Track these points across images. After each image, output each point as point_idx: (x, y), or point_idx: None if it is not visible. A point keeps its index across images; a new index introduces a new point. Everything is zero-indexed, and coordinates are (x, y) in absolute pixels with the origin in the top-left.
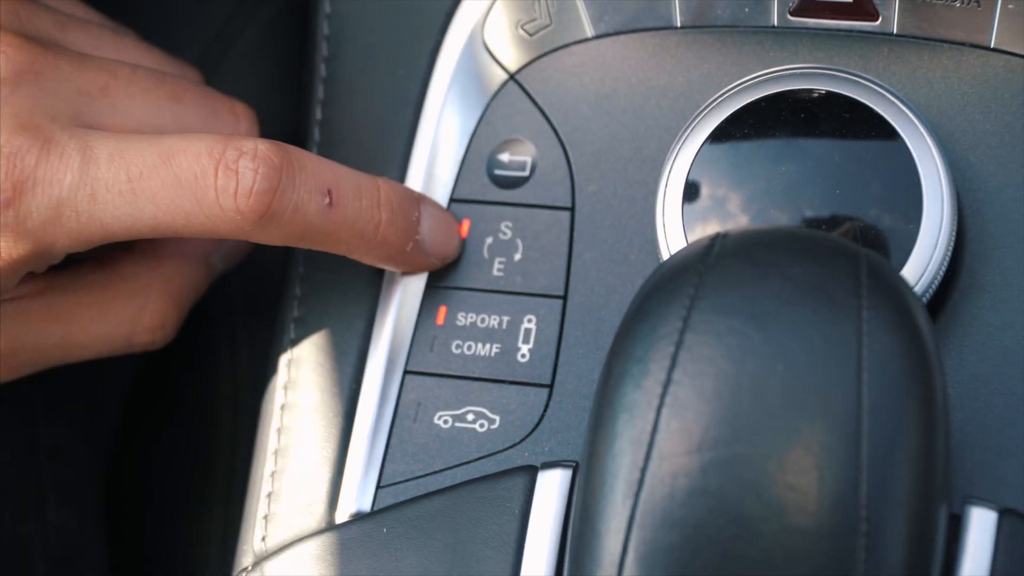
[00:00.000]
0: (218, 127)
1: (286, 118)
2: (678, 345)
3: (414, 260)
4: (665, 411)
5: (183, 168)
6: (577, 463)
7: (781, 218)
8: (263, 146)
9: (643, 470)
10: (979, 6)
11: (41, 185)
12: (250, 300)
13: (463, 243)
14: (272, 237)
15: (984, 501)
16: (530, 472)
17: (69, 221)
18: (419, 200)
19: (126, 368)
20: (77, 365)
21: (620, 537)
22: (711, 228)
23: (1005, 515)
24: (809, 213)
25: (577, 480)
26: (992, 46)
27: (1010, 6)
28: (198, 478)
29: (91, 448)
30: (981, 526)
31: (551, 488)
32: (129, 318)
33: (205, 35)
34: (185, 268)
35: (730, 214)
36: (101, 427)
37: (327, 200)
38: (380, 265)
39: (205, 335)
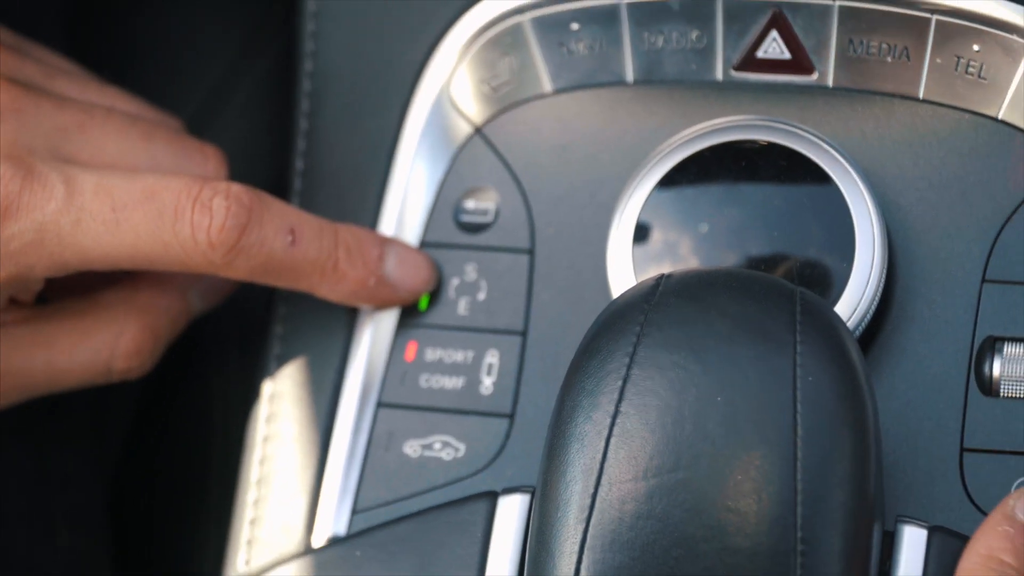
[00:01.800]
0: (188, 165)
1: (275, 167)
2: (625, 379)
3: (380, 294)
4: (613, 440)
5: (164, 203)
6: (535, 488)
7: (724, 259)
8: (235, 188)
9: (593, 496)
10: (909, 60)
11: (24, 210)
12: (242, 336)
13: (439, 278)
14: (240, 271)
15: (915, 520)
16: (491, 497)
17: (50, 245)
18: (382, 241)
19: (127, 399)
20: (81, 397)
21: (573, 559)
22: (659, 268)
23: (934, 532)
24: (750, 254)
25: (533, 505)
26: (921, 97)
27: (938, 60)
28: (194, 502)
29: (97, 475)
30: (912, 543)
31: (511, 512)
32: (107, 344)
33: (201, 90)
34: (162, 300)
35: (676, 255)
36: (106, 455)
37: (290, 238)
38: (347, 302)
39: (200, 368)
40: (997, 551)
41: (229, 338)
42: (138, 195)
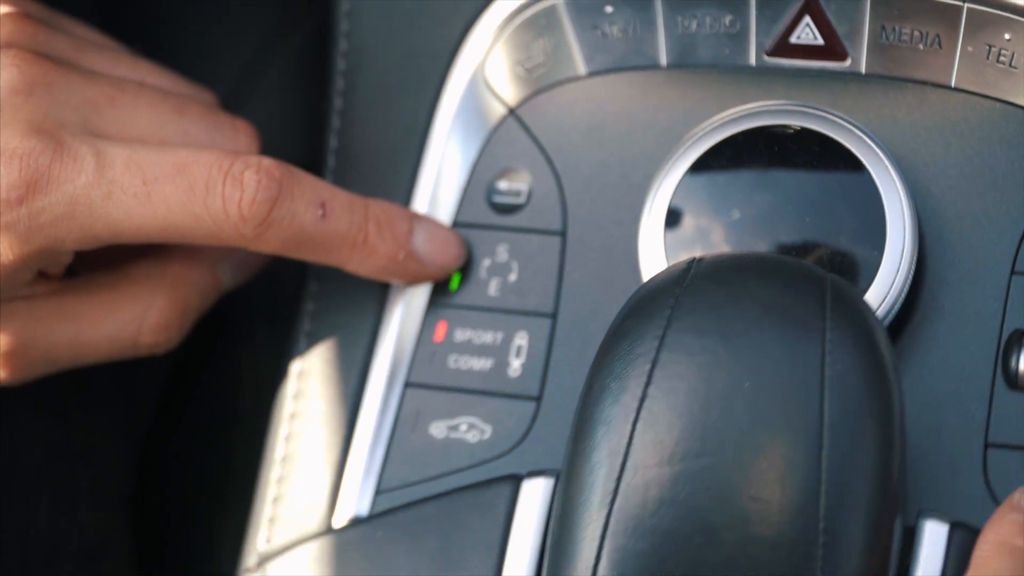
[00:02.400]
0: (220, 140)
1: (310, 145)
2: (654, 363)
3: (409, 269)
4: (640, 424)
5: (196, 177)
6: (560, 472)
7: (755, 245)
8: (266, 162)
9: (618, 480)
10: (941, 48)
11: (55, 183)
12: (272, 312)
13: (468, 255)
14: (270, 244)
15: (937, 514)
16: (515, 481)
17: (81, 217)
18: (411, 216)
19: (157, 374)
20: (110, 371)
21: (595, 544)
22: (690, 253)
23: (956, 528)
24: (781, 240)
25: (557, 489)
26: (953, 85)
27: (969, 48)
28: (220, 477)
29: (122, 448)
30: (933, 538)
31: (534, 496)
32: (135, 318)
33: (235, 68)
34: (191, 275)
35: (708, 240)
36: (133, 428)
37: (320, 212)
38: (377, 277)
39: (229, 343)
40: (1008, 536)
41: (259, 313)
42: (169, 168)
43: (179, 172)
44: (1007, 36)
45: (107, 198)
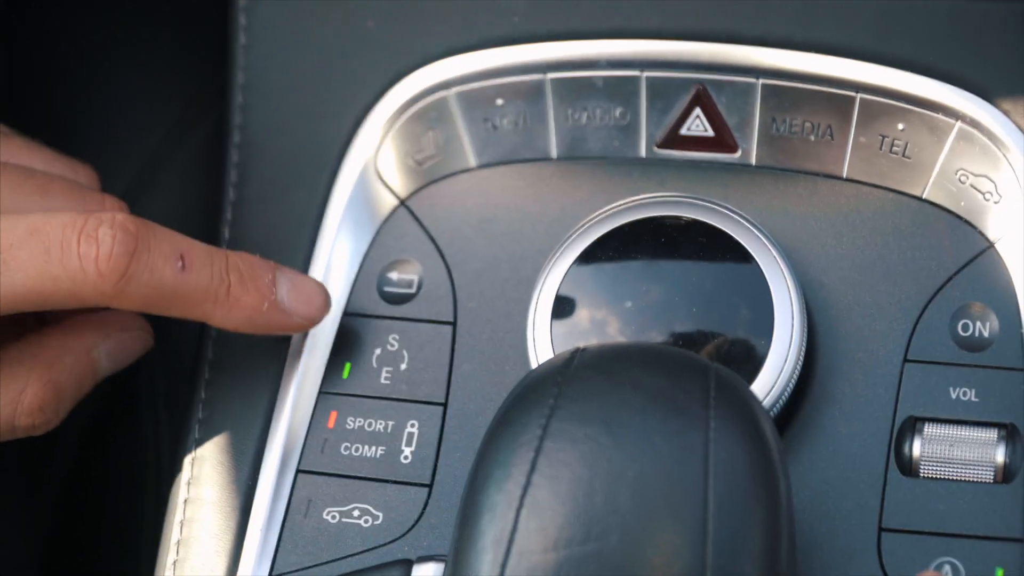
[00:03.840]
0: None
1: (207, 235)
2: (537, 451)
3: (274, 321)
4: (524, 511)
5: (50, 238)
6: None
7: (643, 334)
8: (120, 216)
9: (503, 566)
10: (832, 139)
11: None
12: (171, 392)
13: (350, 337)
14: (132, 300)
15: None
16: (406, 565)
17: None
18: (273, 267)
19: (64, 456)
20: (11, 448)
21: None
22: (578, 342)
23: None
24: (669, 330)
25: (444, 574)
26: (845, 176)
27: (862, 139)
28: (128, 556)
29: (25, 534)
30: None
31: None
32: (10, 401)
33: (140, 157)
34: (67, 358)
35: (596, 329)
36: (37, 511)
37: (180, 264)
38: (242, 329)
39: (132, 423)
40: None
41: (160, 397)
42: (22, 232)
43: (32, 235)
44: (900, 126)
45: None
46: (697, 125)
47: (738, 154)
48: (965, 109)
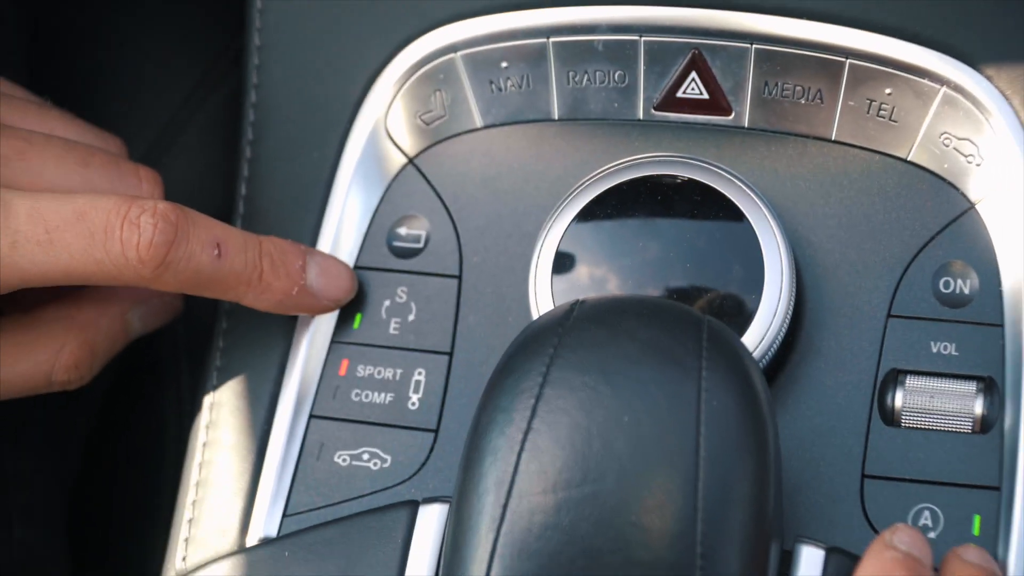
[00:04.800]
0: (123, 188)
1: (226, 193)
2: (537, 397)
3: (303, 303)
4: (525, 455)
5: (94, 223)
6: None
7: (638, 288)
8: (162, 205)
9: (504, 507)
10: (823, 102)
11: None
12: (192, 349)
13: (359, 289)
14: (169, 284)
15: (814, 540)
16: (412, 506)
17: None
18: (304, 252)
19: (89, 407)
20: (40, 402)
21: (483, 566)
22: (577, 295)
23: (832, 553)
24: (664, 284)
25: (448, 514)
26: (833, 138)
27: (851, 103)
28: (149, 500)
29: (55, 478)
30: (810, 562)
31: (430, 521)
32: (48, 359)
33: (160, 121)
34: (101, 320)
35: (594, 283)
36: (66, 457)
37: (216, 252)
38: (273, 311)
39: (156, 380)
40: (890, 570)
41: (181, 356)
42: (69, 216)
43: (79, 219)
44: (888, 91)
45: (12, 247)
46: (693, 88)
47: (731, 116)
48: (950, 75)
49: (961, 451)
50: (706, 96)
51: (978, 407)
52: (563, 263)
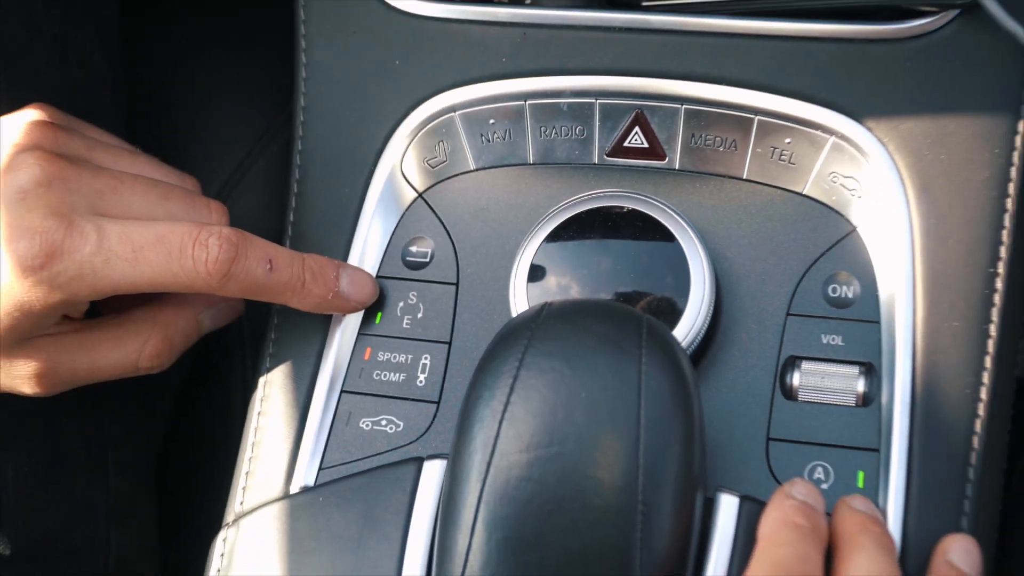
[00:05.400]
0: (196, 217)
1: (280, 220)
2: (515, 378)
3: (336, 305)
4: (505, 423)
5: (172, 244)
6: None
7: (592, 293)
8: (226, 230)
9: (489, 463)
10: (736, 149)
11: (67, 253)
12: (252, 340)
13: (380, 293)
14: (232, 291)
15: (730, 490)
16: (419, 462)
17: (88, 278)
18: (337, 265)
19: (172, 386)
20: (133, 382)
21: (472, 509)
22: (545, 298)
23: (745, 500)
24: (612, 290)
25: (446, 468)
26: (745, 177)
27: (758, 150)
28: (218, 457)
29: (145, 438)
30: (727, 508)
31: (432, 473)
32: (135, 350)
33: (230, 165)
34: (178, 319)
35: (559, 289)
36: (154, 424)
37: (268, 266)
38: (313, 311)
39: (226, 362)
40: (790, 515)
41: (245, 343)
42: (152, 238)
43: (159, 241)
44: (788, 140)
45: (106, 263)
46: (636, 139)
47: (666, 161)
48: (838, 127)
49: (847, 420)
50: (647, 145)
51: (860, 386)
52: (536, 274)
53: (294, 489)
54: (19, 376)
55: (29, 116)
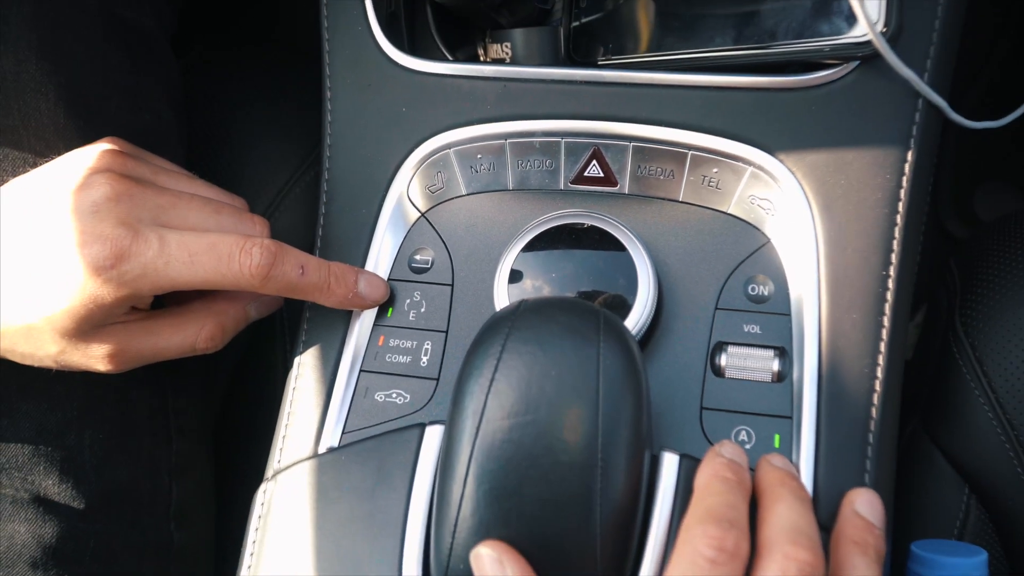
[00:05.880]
0: (243, 229)
1: (312, 234)
2: (499, 359)
3: (355, 302)
4: (491, 396)
5: (222, 251)
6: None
7: (560, 292)
8: (267, 241)
9: (478, 427)
10: (673, 177)
11: (133, 256)
12: (291, 328)
13: (391, 293)
14: (272, 290)
15: (672, 450)
16: (422, 427)
17: (151, 277)
18: (357, 271)
19: (227, 363)
20: (193, 360)
21: (464, 465)
22: (522, 296)
23: (684, 458)
24: (575, 289)
25: (444, 432)
26: (681, 200)
27: (691, 178)
28: (262, 424)
29: (202, 407)
30: (669, 464)
31: (433, 436)
32: (193, 335)
33: (274, 189)
34: (230, 310)
35: (533, 289)
36: (209, 397)
37: (301, 271)
38: (336, 307)
39: (269, 347)
40: (720, 470)
41: (284, 330)
42: (205, 246)
43: (211, 248)
44: (715, 170)
45: (167, 265)
46: (594, 170)
47: (618, 187)
48: (755, 159)
49: (765, 393)
50: (602, 175)
51: (775, 366)
52: (515, 277)
53: (322, 449)
54: (94, 356)
55: (102, 146)
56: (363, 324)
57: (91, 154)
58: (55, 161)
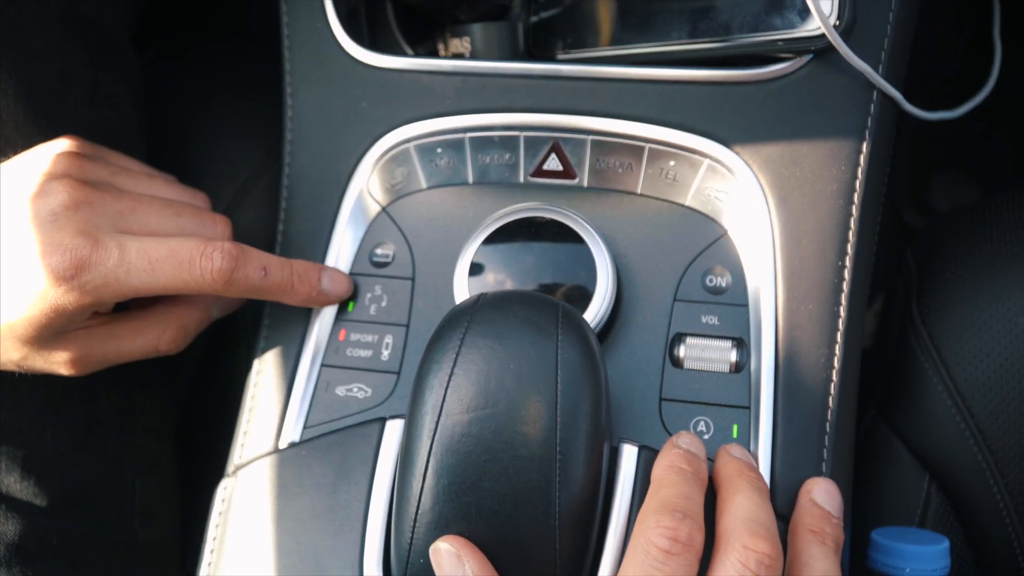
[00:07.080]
0: (204, 231)
1: (274, 230)
2: (457, 353)
3: (319, 300)
4: (450, 389)
5: (182, 257)
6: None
7: (519, 285)
8: (228, 244)
9: (437, 421)
10: (632, 170)
11: (94, 265)
12: (254, 323)
13: (355, 290)
14: (234, 294)
15: (631, 440)
16: (382, 421)
17: (112, 285)
18: (320, 268)
19: (190, 362)
20: (156, 361)
21: (424, 459)
22: (482, 290)
23: (643, 449)
24: (534, 282)
25: (404, 426)
26: (639, 192)
27: (649, 171)
28: (224, 419)
29: (168, 405)
30: (628, 455)
31: (393, 430)
32: (155, 337)
33: (235, 185)
34: (192, 312)
35: (494, 282)
36: (174, 393)
37: (263, 273)
38: (300, 305)
39: (234, 339)
40: (676, 461)
41: (248, 329)
42: (165, 253)
43: (172, 254)
44: (672, 163)
45: (127, 274)
46: (553, 163)
47: (576, 180)
48: (712, 152)
49: (723, 384)
50: (561, 168)
51: (733, 356)
52: (475, 270)
53: (283, 445)
54: (56, 362)
55: (59, 147)
56: (324, 318)
57: (48, 156)
58: (11, 162)
